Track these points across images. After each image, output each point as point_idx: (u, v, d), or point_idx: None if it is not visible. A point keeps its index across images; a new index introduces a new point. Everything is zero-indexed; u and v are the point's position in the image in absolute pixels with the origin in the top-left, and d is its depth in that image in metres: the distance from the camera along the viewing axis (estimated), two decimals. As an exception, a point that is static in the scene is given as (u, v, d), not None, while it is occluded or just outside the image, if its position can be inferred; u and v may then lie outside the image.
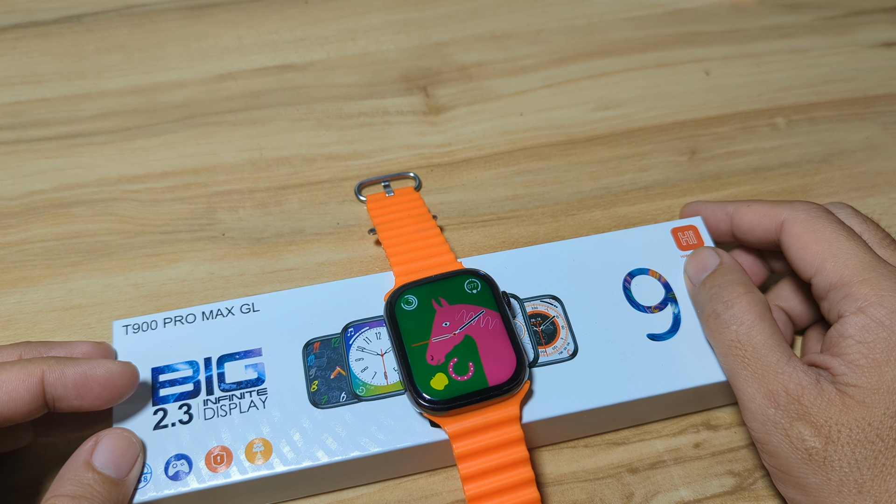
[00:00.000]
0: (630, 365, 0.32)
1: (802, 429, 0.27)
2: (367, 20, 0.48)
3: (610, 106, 0.45)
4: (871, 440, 0.26)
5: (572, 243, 0.35)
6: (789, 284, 0.35)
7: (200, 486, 0.29)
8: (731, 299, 0.30)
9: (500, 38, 0.48)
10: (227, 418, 0.30)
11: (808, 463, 0.27)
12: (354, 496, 0.32)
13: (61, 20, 0.48)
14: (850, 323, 0.28)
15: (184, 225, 0.39)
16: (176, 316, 0.32)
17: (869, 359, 0.27)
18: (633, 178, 0.42)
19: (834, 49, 0.48)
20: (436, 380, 0.29)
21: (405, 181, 0.41)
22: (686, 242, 0.35)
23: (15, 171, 0.41)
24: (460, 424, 0.29)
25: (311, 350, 0.32)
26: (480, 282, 0.32)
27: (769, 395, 0.28)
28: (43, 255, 0.38)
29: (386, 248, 0.34)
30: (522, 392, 0.30)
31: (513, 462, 0.29)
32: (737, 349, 0.29)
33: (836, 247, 0.29)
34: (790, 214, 0.31)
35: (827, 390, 0.27)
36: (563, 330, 0.33)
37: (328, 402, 0.30)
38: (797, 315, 0.35)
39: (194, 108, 0.44)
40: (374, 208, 0.37)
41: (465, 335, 0.31)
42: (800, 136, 0.44)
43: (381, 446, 0.30)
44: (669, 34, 0.48)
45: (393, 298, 0.32)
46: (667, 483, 0.32)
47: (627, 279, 0.34)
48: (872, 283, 0.28)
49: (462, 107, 0.44)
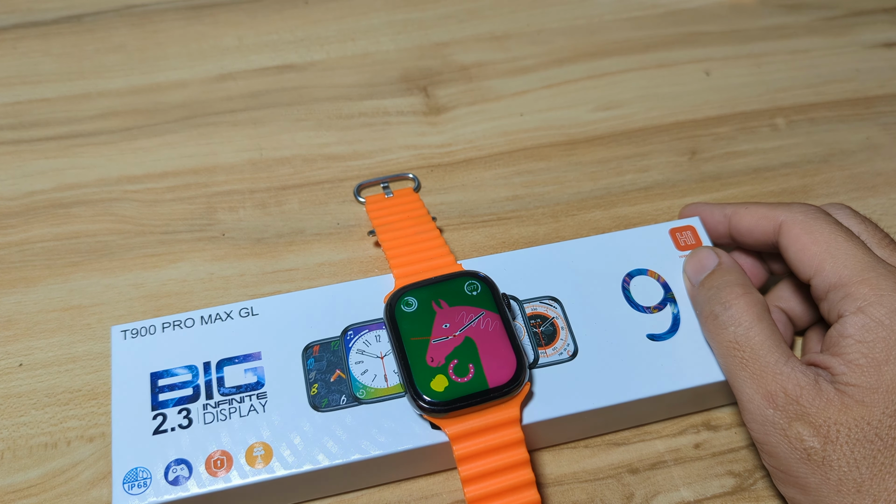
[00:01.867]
0: (630, 365, 0.32)
1: (801, 429, 0.27)
2: (367, 20, 0.48)
3: (610, 106, 0.45)
4: (870, 439, 0.26)
5: (571, 244, 0.35)
6: (788, 285, 0.35)
7: (201, 490, 0.28)
8: (730, 300, 0.30)
9: (500, 39, 0.48)
10: (226, 422, 0.30)
11: (806, 463, 0.27)
12: (354, 496, 0.32)
13: (61, 20, 0.48)
14: (849, 323, 0.28)
15: (184, 225, 0.39)
16: (174, 320, 0.32)
17: (868, 358, 0.27)
18: (633, 179, 0.42)
19: (834, 49, 0.48)
20: (436, 381, 0.29)
21: (404, 182, 0.41)
22: (684, 243, 0.35)
23: (15, 171, 0.41)
24: (460, 426, 0.29)
25: (311, 353, 0.32)
26: (480, 283, 0.32)
27: (767, 395, 0.28)
28: (43, 255, 0.38)
29: (385, 250, 0.34)
30: (523, 394, 0.30)
31: (513, 464, 0.29)
32: (735, 350, 0.29)
33: (834, 247, 0.29)
34: (788, 216, 0.31)
35: (825, 390, 0.27)
36: (562, 331, 0.33)
37: (328, 406, 0.30)
38: (797, 316, 0.35)
39: (194, 108, 0.44)
40: (374, 210, 0.37)
41: (466, 337, 0.30)
42: (800, 137, 0.44)
43: (381, 449, 0.29)
44: (669, 34, 0.48)
45: (393, 300, 0.32)
46: (667, 483, 0.32)
47: (626, 280, 0.34)
48: (872, 283, 0.28)
49: (462, 107, 0.44)
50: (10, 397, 0.34)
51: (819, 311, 0.34)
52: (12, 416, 0.33)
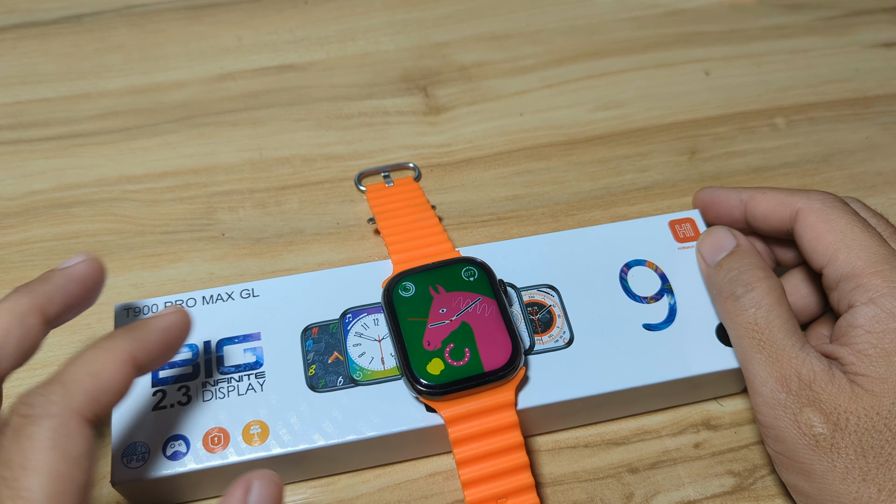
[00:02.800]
0: (625, 354, 0.32)
1: (812, 415, 0.27)
2: (367, 20, 0.48)
3: (610, 106, 0.45)
4: (879, 429, 0.26)
5: (570, 234, 0.35)
6: (795, 277, 0.35)
7: (198, 466, 0.29)
8: (752, 282, 0.30)
9: (500, 38, 0.48)
10: (224, 400, 0.30)
11: (814, 449, 0.27)
12: (354, 496, 0.32)
13: (61, 20, 0.48)
14: (860, 313, 0.28)
15: (184, 225, 0.39)
16: (176, 300, 0.33)
17: (878, 349, 0.27)
18: (632, 179, 0.42)
19: (834, 49, 0.48)
20: (432, 365, 0.30)
21: (405, 172, 0.41)
22: (683, 235, 0.35)
23: (15, 171, 0.41)
24: (456, 409, 0.30)
25: (310, 335, 0.32)
26: (477, 269, 0.32)
27: (781, 379, 0.28)
28: (43, 255, 0.38)
29: (385, 236, 0.35)
30: (518, 378, 0.30)
31: (508, 447, 0.29)
32: (753, 332, 0.29)
33: (849, 237, 0.29)
34: (805, 203, 0.31)
35: (838, 378, 0.27)
36: (559, 319, 0.33)
37: (325, 387, 0.31)
38: (800, 309, 0.34)
39: (194, 108, 0.44)
40: (374, 198, 0.37)
41: (462, 321, 0.31)
42: (800, 137, 0.44)
43: (377, 430, 0.30)
44: (669, 34, 0.48)
45: (391, 285, 0.32)
46: (667, 483, 0.32)
47: (624, 270, 0.34)
48: (885, 275, 0.28)
49: (462, 107, 0.44)
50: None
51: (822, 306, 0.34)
52: (12, 415, 0.33)
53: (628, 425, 0.34)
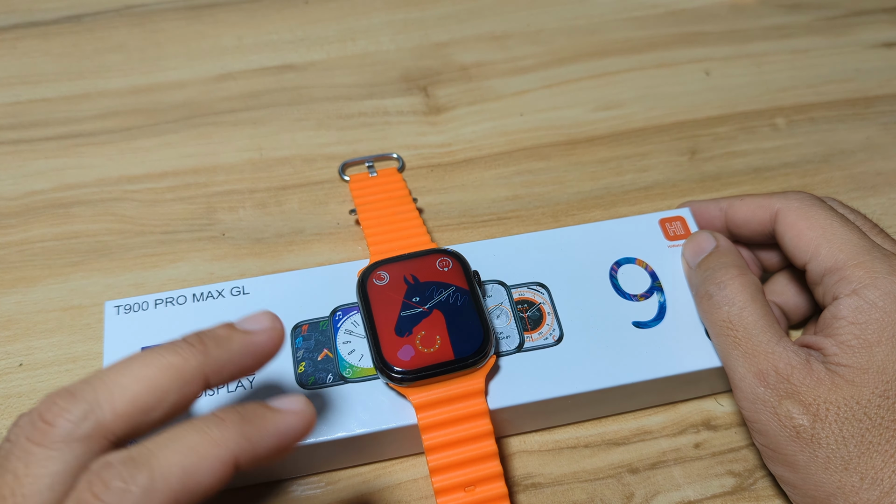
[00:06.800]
0: (615, 351, 0.32)
1: (791, 407, 0.27)
2: (367, 20, 0.48)
3: (610, 106, 0.45)
4: (859, 418, 0.27)
5: (560, 232, 0.36)
6: (782, 279, 0.35)
7: None
8: (724, 280, 0.31)
9: (500, 38, 0.48)
10: (214, 397, 0.31)
11: (795, 440, 0.27)
12: (354, 496, 0.32)
13: (61, 20, 0.48)
14: (843, 304, 0.28)
15: (184, 225, 0.39)
16: (167, 297, 0.33)
17: (860, 339, 0.28)
18: (633, 179, 0.42)
19: (834, 49, 0.48)
20: (403, 351, 0.30)
21: (389, 162, 0.41)
22: (674, 233, 0.35)
23: (15, 171, 0.41)
24: (425, 395, 0.30)
25: (300, 332, 0.32)
26: (451, 260, 0.33)
27: (759, 374, 0.28)
28: (43, 255, 0.38)
29: (364, 228, 0.35)
30: (488, 366, 0.31)
31: (476, 435, 0.30)
32: (728, 329, 0.30)
33: (830, 232, 0.30)
34: (784, 204, 0.32)
35: (816, 369, 0.28)
36: (548, 316, 0.33)
37: (315, 384, 0.31)
38: (791, 309, 0.35)
39: (194, 108, 0.44)
40: (357, 188, 0.38)
41: (434, 310, 0.31)
42: (800, 137, 0.44)
43: (365, 427, 0.30)
44: (669, 34, 0.48)
45: (366, 274, 0.32)
46: (667, 483, 0.32)
47: (614, 268, 0.34)
48: (867, 266, 0.29)
49: (462, 107, 0.44)
50: (11, 397, 0.34)
51: (813, 303, 0.34)
52: (12, 416, 0.33)
53: (628, 425, 0.34)
